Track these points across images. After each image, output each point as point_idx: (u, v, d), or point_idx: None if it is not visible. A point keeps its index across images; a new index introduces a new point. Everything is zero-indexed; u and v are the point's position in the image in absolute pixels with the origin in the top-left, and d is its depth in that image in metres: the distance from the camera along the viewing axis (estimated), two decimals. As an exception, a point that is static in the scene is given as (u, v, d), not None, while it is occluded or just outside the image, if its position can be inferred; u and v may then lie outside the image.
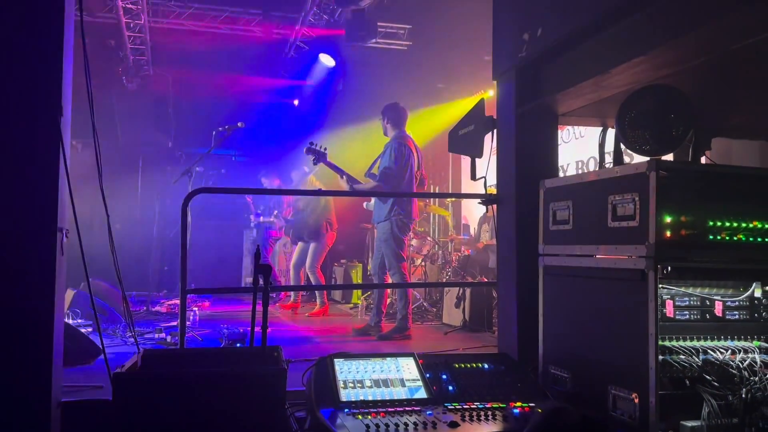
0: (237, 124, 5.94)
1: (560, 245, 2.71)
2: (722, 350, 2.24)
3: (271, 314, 6.49)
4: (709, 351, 2.23)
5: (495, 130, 3.38)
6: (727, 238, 2.25)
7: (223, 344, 4.51)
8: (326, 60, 8.68)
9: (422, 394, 2.42)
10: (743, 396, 2.10)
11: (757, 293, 2.42)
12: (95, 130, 2.73)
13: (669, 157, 2.83)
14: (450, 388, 2.47)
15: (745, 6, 1.94)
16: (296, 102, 10.57)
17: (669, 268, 2.13)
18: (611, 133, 3.00)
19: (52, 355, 2.37)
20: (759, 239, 2.28)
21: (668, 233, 2.16)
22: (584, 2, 2.56)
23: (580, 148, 6.70)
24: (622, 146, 2.75)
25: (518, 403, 2.36)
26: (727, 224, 2.24)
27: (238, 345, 4.44)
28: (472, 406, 2.33)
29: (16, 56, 2.38)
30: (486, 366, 2.67)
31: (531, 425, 2.21)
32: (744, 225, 2.26)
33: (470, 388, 2.48)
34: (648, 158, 2.27)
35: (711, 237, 2.23)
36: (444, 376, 2.53)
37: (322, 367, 2.49)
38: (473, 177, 3.49)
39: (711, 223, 2.23)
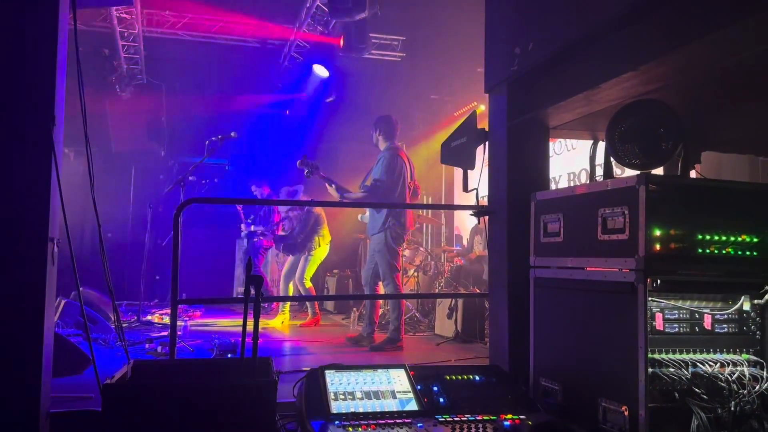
0: (230, 134, 5.94)
1: (551, 257, 2.72)
2: (711, 363, 2.25)
3: (262, 325, 6.47)
4: (698, 364, 2.25)
5: (487, 143, 3.41)
6: (716, 251, 2.27)
7: (214, 355, 4.49)
8: (320, 71, 8.70)
9: (413, 406, 2.42)
10: (732, 409, 2.12)
11: (746, 306, 2.44)
12: (88, 138, 2.72)
13: (659, 171, 2.86)
14: (441, 400, 2.47)
15: (733, 22, 1.97)
16: (288, 112, 10.58)
17: (658, 281, 2.15)
18: (602, 146, 3.02)
19: (42, 364, 2.35)
20: (747, 253, 2.31)
21: (657, 246, 2.18)
22: (575, 18, 2.59)
23: (572, 160, 6.74)
24: (613, 160, 2.78)
25: (509, 416, 2.36)
26: (716, 238, 2.27)
27: (228, 356, 4.42)
28: (463, 419, 2.33)
29: (9, 64, 2.38)
30: (477, 378, 2.67)
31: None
32: (733, 239, 2.28)
33: (461, 401, 2.48)
34: (638, 172, 2.29)
35: (700, 250, 2.25)
36: (435, 388, 2.53)
37: (313, 379, 2.49)
38: (465, 189, 3.51)
39: (700, 237, 2.25)
